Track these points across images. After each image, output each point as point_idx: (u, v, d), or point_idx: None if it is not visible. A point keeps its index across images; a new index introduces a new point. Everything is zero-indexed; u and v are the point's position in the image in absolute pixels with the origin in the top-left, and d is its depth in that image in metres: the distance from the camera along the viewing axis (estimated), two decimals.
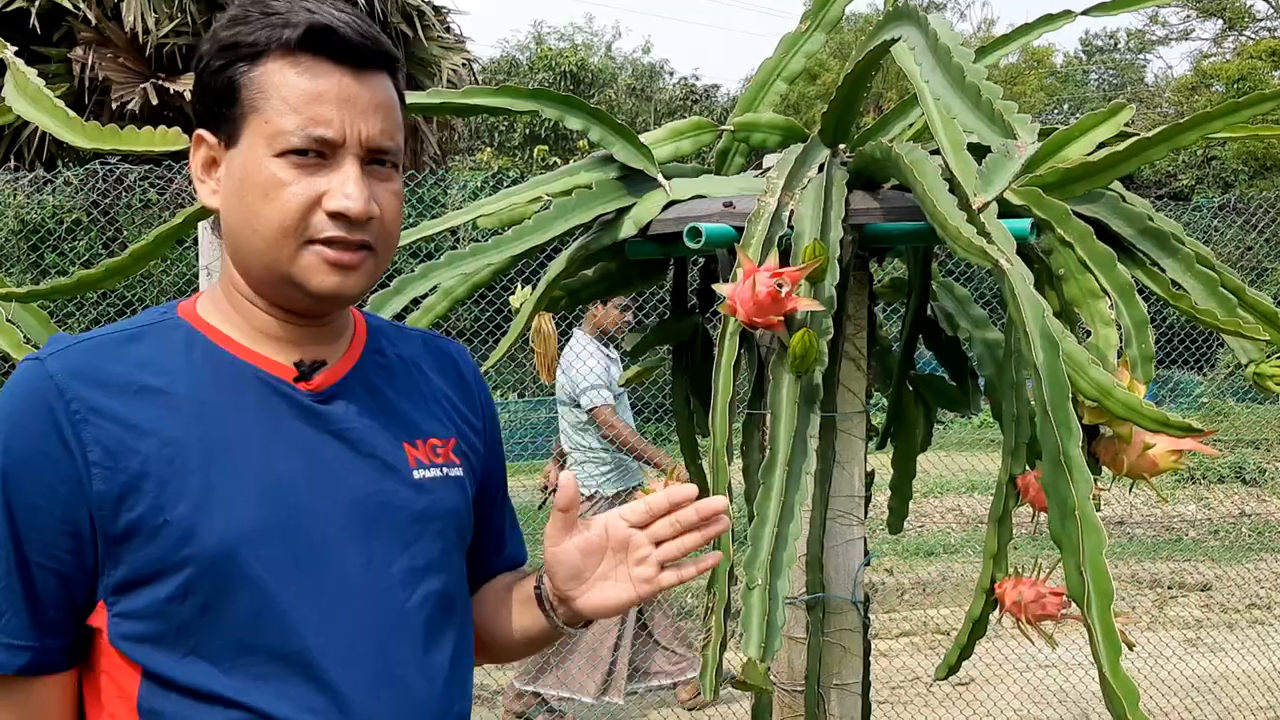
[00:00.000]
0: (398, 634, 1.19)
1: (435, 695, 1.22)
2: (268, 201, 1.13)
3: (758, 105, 2.09)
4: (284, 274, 1.16)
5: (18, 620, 1.11)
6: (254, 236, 1.15)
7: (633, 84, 26.44)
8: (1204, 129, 1.69)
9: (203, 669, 1.11)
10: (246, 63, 1.15)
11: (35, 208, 8.54)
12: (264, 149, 1.13)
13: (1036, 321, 1.39)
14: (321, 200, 1.14)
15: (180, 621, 1.11)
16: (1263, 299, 1.81)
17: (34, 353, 1.16)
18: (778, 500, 1.61)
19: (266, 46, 1.14)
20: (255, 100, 1.14)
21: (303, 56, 1.14)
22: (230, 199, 1.17)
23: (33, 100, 1.87)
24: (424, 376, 1.33)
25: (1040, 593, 1.75)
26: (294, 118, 1.13)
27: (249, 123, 1.14)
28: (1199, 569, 7.49)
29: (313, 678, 1.13)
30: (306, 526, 1.15)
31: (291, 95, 1.13)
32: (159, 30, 10.28)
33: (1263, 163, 19.38)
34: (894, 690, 5.43)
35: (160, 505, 1.10)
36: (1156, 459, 1.67)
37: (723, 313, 1.70)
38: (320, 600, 1.14)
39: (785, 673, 2.01)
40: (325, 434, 1.19)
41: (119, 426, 1.11)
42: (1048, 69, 28.34)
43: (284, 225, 1.14)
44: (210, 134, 1.18)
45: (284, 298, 1.19)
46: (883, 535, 7.62)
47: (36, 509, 1.10)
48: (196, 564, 1.10)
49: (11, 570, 1.10)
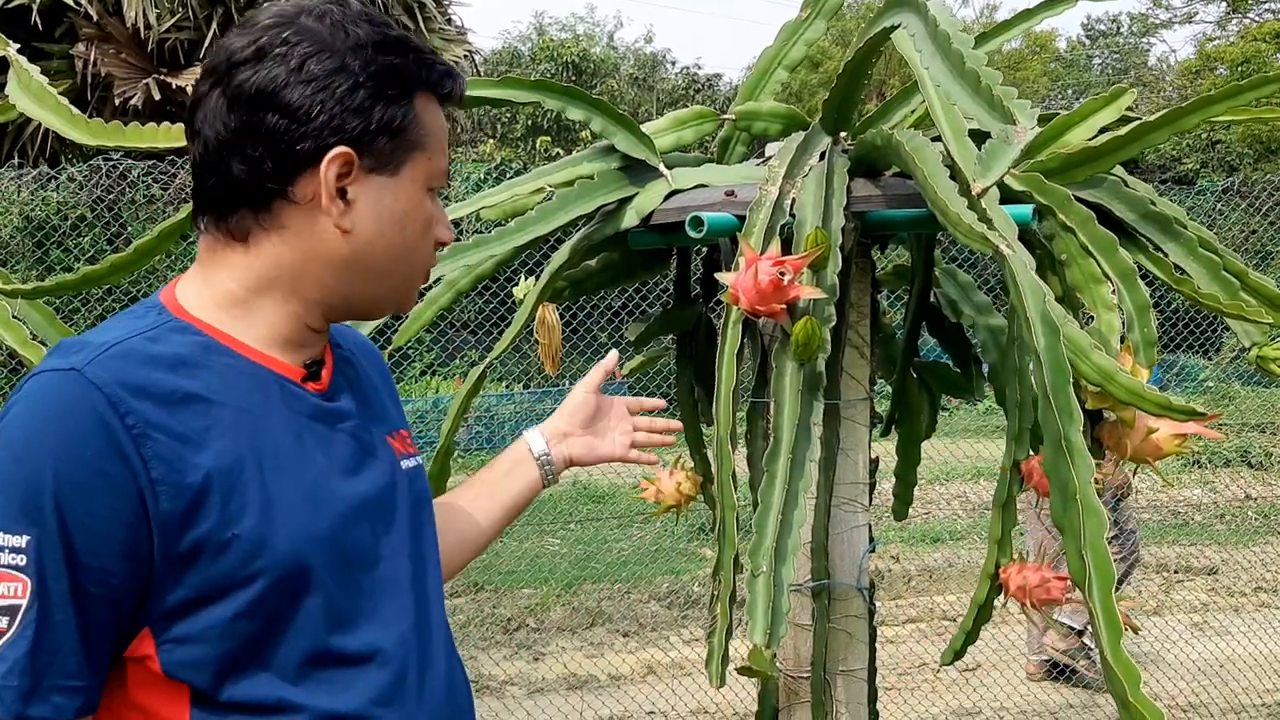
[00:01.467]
0: (428, 618, 1.24)
1: (456, 670, 1.28)
2: (425, 236, 1.22)
3: (759, 94, 2.09)
4: (405, 299, 1.26)
5: (74, 658, 1.03)
6: (409, 267, 1.22)
7: (635, 74, 26.40)
8: (1206, 112, 1.69)
9: (267, 680, 1.09)
10: (408, 97, 1.16)
11: (39, 204, 8.54)
12: (422, 184, 1.19)
13: (1037, 307, 1.39)
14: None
15: (248, 637, 1.08)
16: (1266, 282, 1.81)
17: (55, 361, 1.07)
18: (782, 488, 1.61)
19: (420, 84, 1.17)
20: (422, 138, 1.18)
21: (434, 97, 1.20)
22: (382, 226, 1.17)
23: (36, 98, 1.87)
24: (365, 370, 1.35)
25: (1044, 577, 1.76)
26: (442, 159, 1.21)
27: (414, 158, 1.18)
28: (1205, 553, 7.49)
29: (375, 670, 1.15)
30: (348, 525, 1.16)
31: (441, 136, 1.21)
32: (161, 25, 10.29)
33: (1267, 146, 19.33)
34: (901, 676, 5.45)
35: (227, 520, 1.06)
36: (1160, 443, 1.67)
37: (725, 301, 1.70)
38: (370, 595, 1.16)
39: (791, 659, 2.02)
40: (337, 431, 1.20)
41: (174, 440, 1.05)
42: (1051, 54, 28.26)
43: (431, 259, 1.25)
44: (356, 154, 1.14)
45: (361, 314, 1.26)
46: (889, 522, 7.63)
47: (95, 534, 1.02)
48: (268, 576, 1.07)
49: (67, 604, 1.02)
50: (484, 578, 6.77)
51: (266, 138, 1.11)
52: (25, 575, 1.01)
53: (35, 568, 1.01)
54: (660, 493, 2.23)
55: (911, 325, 2.27)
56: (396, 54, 1.15)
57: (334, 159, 1.12)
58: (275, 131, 1.11)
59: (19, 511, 1.01)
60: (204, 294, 1.17)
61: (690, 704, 5.06)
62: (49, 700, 1.03)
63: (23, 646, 1.01)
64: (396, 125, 1.15)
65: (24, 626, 1.01)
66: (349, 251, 1.16)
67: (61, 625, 1.02)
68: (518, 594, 6.60)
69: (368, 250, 1.17)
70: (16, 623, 1.01)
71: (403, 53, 1.16)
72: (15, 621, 1.01)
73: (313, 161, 1.12)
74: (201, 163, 1.16)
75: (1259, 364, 1.92)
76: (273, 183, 1.13)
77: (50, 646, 1.02)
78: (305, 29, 1.13)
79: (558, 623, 6.17)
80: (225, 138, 1.12)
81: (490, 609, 6.29)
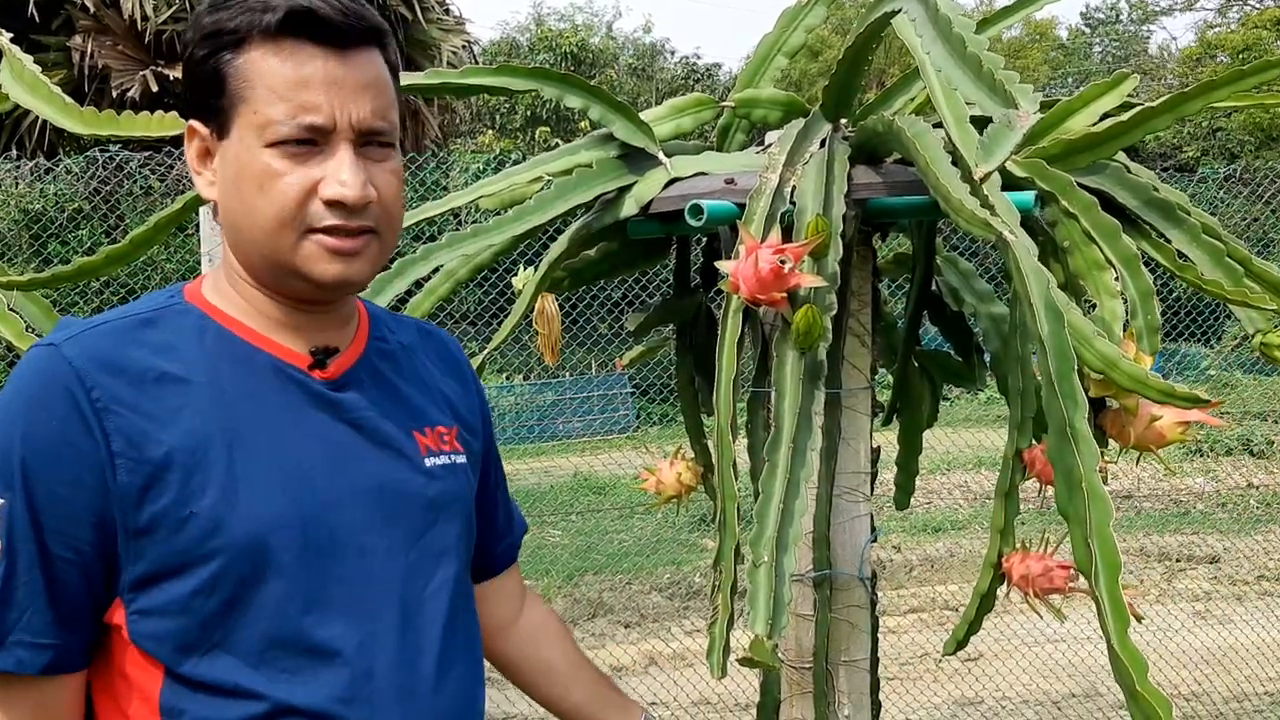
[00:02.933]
0: (416, 620, 1.20)
1: (454, 680, 1.23)
2: (263, 194, 1.11)
3: (758, 81, 2.07)
4: (286, 264, 1.14)
5: (41, 618, 1.07)
6: (253, 229, 1.13)
7: (634, 64, 26.38)
8: (1208, 98, 1.68)
9: (228, 664, 1.09)
10: (230, 50, 1.12)
11: (36, 196, 8.53)
12: (255, 140, 1.11)
13: (1041, 293, 1.38)
14: (317, 188, 1.11)
15: (205, 616, 1.08)
16: (1270, 269, 1.80)
17: (45, 338, 1.12)
18: (783, 477, 1.60)
19: (248, 33, 1.11)
20: (242, 90, 1.11)
21: (285, 41, 1.11)
22: (227, 191, 1.15)
23: (29, 87, 1.86)
24: (424, 364, 1.33)
25: (1047, 566, 1.75)
26: (282, 106, 1.10)
27: (238, 113, 1.12)
28: (1207, 541, 7.49)
29: (339, 667, 1.13)
30: (328, 515, 1.14)
31: (277, 83, 1.10)
32: (157, 17, 10.27)
33: (1269, 133, 19.30)
34: (903, 666, 5.45)
35: (185, 497, 1.07)
36: (1163, 431, 1.66)
37: (725, 290, 1.69)
38: (344, 589, 1.14)
39: (794, 649, 2.01)
40: (341, 422, 1.19)
41: (140, 416, 1.08)
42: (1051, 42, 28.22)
43: (281, 217, 1.11)
44: (202, 125, 1.16)
45: (288, 286, 1.17)
46: (890, 512, 7.63)
47: (60, 499, 1.06)
48: (224, 556, 1.08)
49: (34, 564, 1.06)
50: None
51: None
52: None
53: (5, 528, 1.06)
54: (661, 483, 2.23)
55: (913, 313, 2.26)
56: (223, 8, 1.13)
57: (188, 133, 1.17)
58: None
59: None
60: (219, 281, 1.22)
61: (692, 695, 5.06)
62: (13, 653, 1.07)
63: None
64: (215, 83, 1.13)
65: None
66: (223, 219, 1.18)
67: (28, 584, 1.06)
68: None
69: (225, 215, 1.18)
70: None
71: (226, 6, 1.13)
72: None
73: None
74: None
75: (1263, 350, 1.90)
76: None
77: (17, 602, 1.06)
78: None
79: (559, 614, 6.17)
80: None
81: None
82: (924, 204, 1.73)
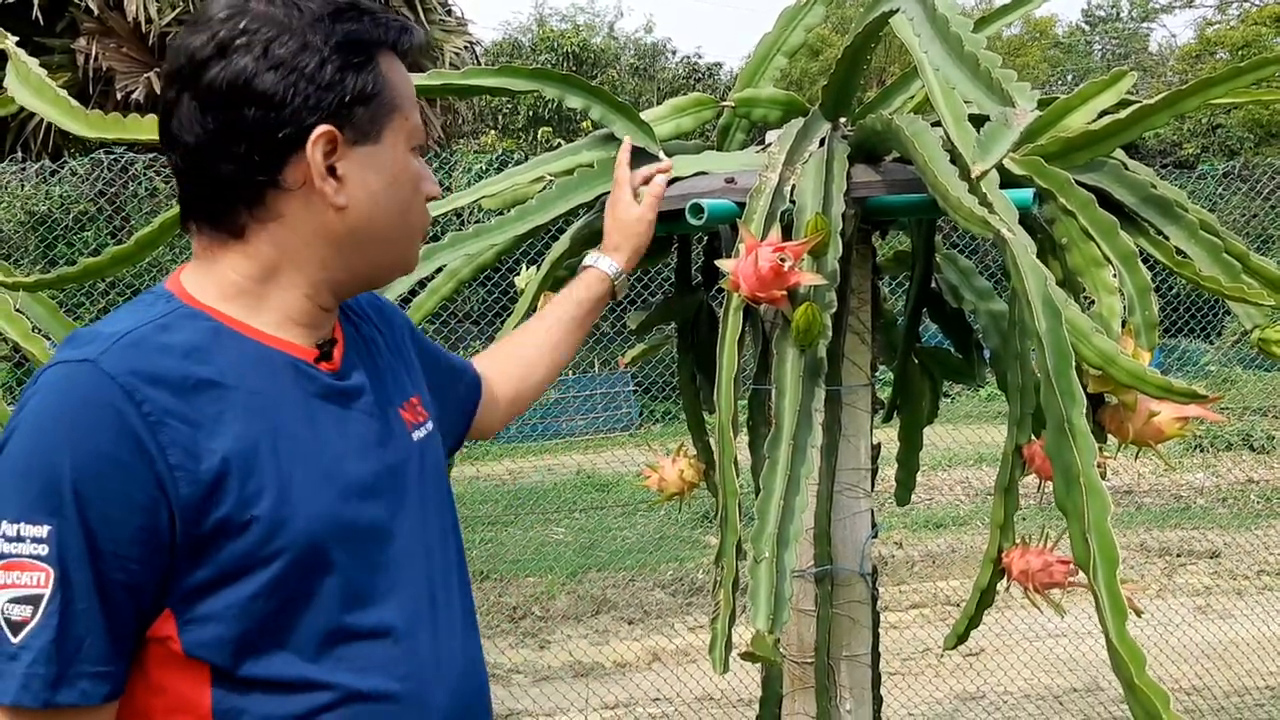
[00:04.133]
0: (441, 594, 1.25)
1: (473, 645, 1.30)
2: (418, 195, 1.22)
3: (758, 80, 2.08)
4: (408, 260, 1.26)
5: (100, 645, 1.04)
6: (409, 229, 1.23)
7: (636, 64, 26.35)
8: (1206, 94, 1.69)
9: (285, 659, 1.10)
10: (372, 61, 1.16)
11: (42, 199, 8.54)
12: (405, 145, 1.20)
13: (1039, 289, 1.40)
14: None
15: (263, 616, 1.08)
16: (1267, 264, 1.81)
17: (67, 353, 1.08)
18: (784, 473, 1.62)
19: (379, 45, 1.17)
20: (394, 99, 1.17)
21: (395, 56, 1.19)
22: (376, 195, 1.17)
23: (35, 90, 1.88)
24: (380, 337, 1.36)
25: (1047, 561, 1.76)
26: (417, 115, 1.21)
27: (392, 120, 1.17)
28: (1207, 536, 7.50)
29: (392, 648, 1.16)
30: (364, 504, 1.17)
31: (411, 93, 1.21)
32: (161, 19, 10.27)
33: (1268, 130, 19.28)
34: (904, 661, 5.46)
35: (245, 502, 1.07)
36: (1162, 426, 1.67)
37: (726, 288, 1.70)
38: (386, 574, 1.18)
39: (795, 645, 2.02)
40: (351, 410, 1.21)
41: (189, 426, 1.06)
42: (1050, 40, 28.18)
43: (426, 216, 1.26)
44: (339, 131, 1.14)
45: (366, 286, 1.26)
46: (891, 508, 7.64)
47: (113, 522, 1.03)
48: (286, 556, 1.08)
49: (90, 592, 1.03)
50: (489, 567, 6.79)
51: (248, 132, 1.10)
52: (48, 565, 1.02)
53: (57, 557, 1.02)
54: (663, 480, 2.24)
55: (913, 311, 2.27)
56: (353, 20, 1.15)
57: (318, 139, 1.12)
58: (255, 123, 1.10)
59: (39, 502, 1.02)
60: (209, 286, 1.17)
61: (695, 690, 5.07)
62: (76, 686, 1.04)
63: (48, 635, 1.02)
64: (369, 92, 1.15)
65: (48, 615, 1.02)
66: (347, 227, 1.16)
67: (85, 613, 1.03)
68: (523, 582, 6.62)
69: (366, 222, 1.17)
70: (40, 611, 1.02)
71: (358, 17, 1.15)
72: (39, 610, 1.02)
73: (297, 146, 1.12)
74: (185, 169, 1.15)
75: (1261, 346, 1.92)
76: (262, 175, 1.12)
77: (75, 634, 1.03)
78: (260, 14, 1.12)
79: (563, 611, 6.19)
80: (205, 140, 1.12)
81: (496, 597, 6.30)
82: (923, 202, 1.74)
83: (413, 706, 1.17)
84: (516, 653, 5.51)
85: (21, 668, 1.02)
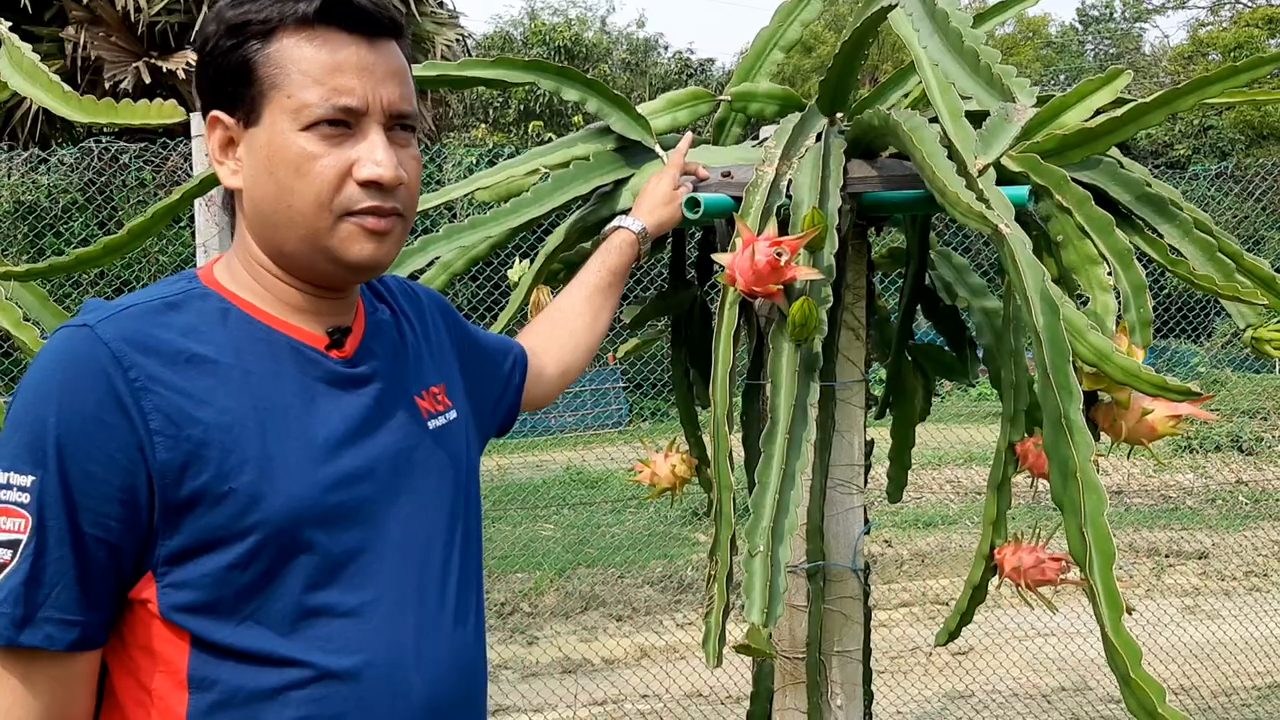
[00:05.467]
0: (435, 582, 1.25)
1: (468, 640, 1.29)
2: (300, 177, 1.14)
3: (754, 75, 2.08)
4: (323, 247, 1.17)
5: (69, 594, 1.08)
6: (289, 212, 1.16)
7: (628, 59, 26.32)
8: (1202, 93, 1.69)
9: (259, 633, 1.12)
10: (259, 40, 1.14)
11: (30, 188, 8.50)
12: (289, 124, 1.14)
13: (1036, 285, 1.40)
14: (352, 170, 1.15)
15: (239, 587, 1.11)
16: (1261, 263, 1.81)
17: (73, 319, 1.14)
18: (779, 468, 1.61)
19: (280, 22, 1.14)
20: (275, 77, 1.14)
21: (318, 29, 1.15)
22: (258, 178, 1.17)
23: (28, 75, 1.86)
24: (409, 326, 1.37)
25: (1039, 558, 1.76)
26: (317, 90, 1.14)
27: (270, 100, 1.15)
28: (1196, 537, 7.53)
29: (369, 632, 1.17)
30: (355, 488, 1.18)
31: (312, 68, 1.14)
32: (151, 8, 10.23)
33: (1259, 131, 19.36)
34: (894, 659, 5.47)
35: (224, 473, 1.10)
36: (1155, 424, 1.67)
37: (722, 282, 1.70)
38: (371, 557, 1.18)
39: (787, 640, 2.02)
40: (358, 396, 1.22)
41: (177, 395, 1.10)
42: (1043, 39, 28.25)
43: (320, 199, 1.15)
44: (226, 114, 1.17)
45: (317, 271, 1.20)
46: (881, 507, 7.66)
47: (92, 478, 1.07)
48: (262, 531, 1.11)
49: (64, 541, 1.07)
50: None
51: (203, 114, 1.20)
52: (27, 512, 1.07)
53: (37, 505, 1.07)
54: (655, 476, 2.24)
55: (907, 307, 2.27)
56: (248, 3, 1.15)
57: (210, 123, 1.18)
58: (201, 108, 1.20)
59: (26, 453, 1.07)
60: (235, 266, 1.23)
61: (685, 687, 5.07)
62: (41, 629, 1.08)
63: (19, 578, 1.07)
64: (244, 72, 1.15)
65: (23, 559, 1.07)
66: (251, 208, 1.19)
67: (57, 561, 1.07)
68: (511, 579, 6.62)
69: (256, 204, 1.19)
70: (17, 555, 1.07)
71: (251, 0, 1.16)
72: (16, 554, 1.07)
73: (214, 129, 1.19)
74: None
75: (1254, 345, 1.92)
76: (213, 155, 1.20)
77: (47, 580, 1.08)
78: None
79: (551, 607, 6.18)
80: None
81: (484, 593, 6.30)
82: (919, 198, 1.74)
83: (384, 692, 1.17)
84: (505, 649, 5.50)
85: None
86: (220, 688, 1.11)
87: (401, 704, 1.18)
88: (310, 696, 1.13)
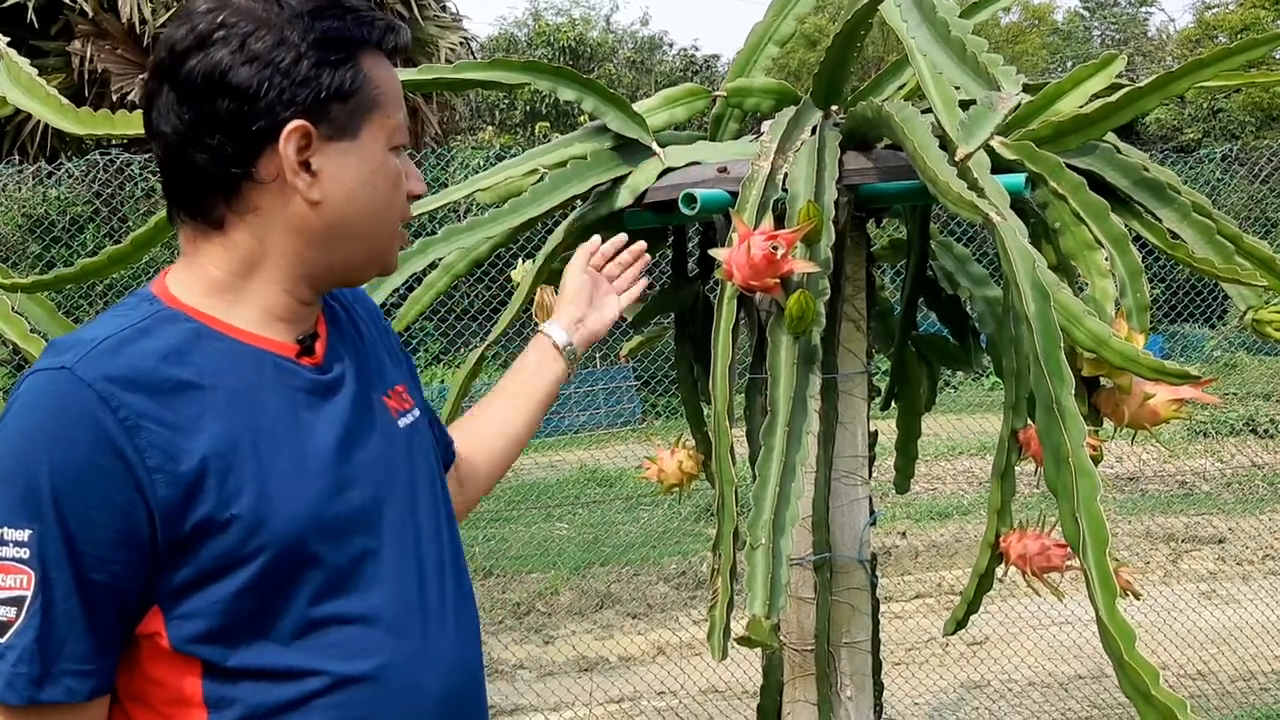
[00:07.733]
0: (432, 579, 1.26)
1: (468, 635, 1.30)
2: (396, 193, 1.22)
3: (750, 70, 2.09)
4: (384, 257, 1.25)
5: (83, 645, 1.07)
6: (379, 224, 1.22)
7: (632, 57, 26.32)
8: (1196, 76, 1.69)
9: (272, 649, 1.12)
10: (353, 59, 1.16)
11: (39, 201, 8.55)
12: (384, 143, 1.20)
13: (1027, 273, 1.40)
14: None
15: (249, 611, 1.10)
16: (1260, 245, 1.81)
17: (44, 361, 1.10)
18: (779, 460, 1.62)
19: (363, 43, 1.17)
20: (376, 96, 1.18)
21: (381, 54, 1.20)
22: (351, 191, 1.18)
23: (26, 89, 1.88)
24: (362, 326, 1.36)
25: (1044, 545, 1.77)
26: (400, 115, 1.21)
27: (371, 118, 1.18)
28: (1213, 522, 7.49)
29: (381, 635, 1.18)
30: (350, 496, 1.18)
31: (394, 92, 1.21)
32: (156, 20, 10.27)
33: (1269, 113, 19.24)
34: (909, 651, 5.46)
35: (224, 501, 1.09)
36: (1157, 409, 1.67)
37: (720, 277, 1.70)
38: (374, 562, 1.19)
39: (795, 632, 2.03)
40: (334, 402, 1.22)
41: (168, 429, 1.08)
42: (1050, 26, 28.13)
43: (404, 213, 1.25)
44: (314, 126, 1.15)
45: (350, 280, 1.26)
46: (896, 499, 7.64)
47: (93, 525, 1.05)
48: (268, 553, 1.10)
49: (71, 593, 1.05)
50: (492, 563, 6.80)
51: (221, 124, 1.12)
52: (29, 567, 1.05)
53: (38, 559, 1.05)
54: (662, 472, 2.25)
55: (909, 298, 2.27)
56: (334, 17, 1.15)
57: (290, 133, 1.13)
58: (229, 116, 1.12)
59: (20, 506, 1.05)
60: (192, 283, 1.19)
61: (700, 683, 5.08)
62: (60, 684, 1.06)
63: (30, 635, 1.05)
64: (347, 89, 1.15)
65: (31, 616, 1.05)
66: (322, 222, 1.17)
67: (66, 613, 1.06)
68: (527, 578, 6.63)
69: (340, 218, 1.18)
70: (24, 612, 1.05)
71: (340, 15, 1.16)
72: (22, 611, 1.05)
73: (270, 139, 1.13)
74: (165, 159, 1.17)
75: (1255, 327, 1.92)
76: (236, 167, 1.14)
77: (58, 633, 1.06)
78: (240, 9, 1.13)
79: (567, 606, 6.19)
80: (182, 130, 1.13)
81: (500, 594, 6.31)
82: (914, 189, 1.74)
83: (404, 690, 1.19)
84: (521, 648, 5.52)
85: (7, 667, 1.05)
86: (240, 705, 1.11)
87: (419, 701, 1.20)
88: (331, 703, 1.14)
